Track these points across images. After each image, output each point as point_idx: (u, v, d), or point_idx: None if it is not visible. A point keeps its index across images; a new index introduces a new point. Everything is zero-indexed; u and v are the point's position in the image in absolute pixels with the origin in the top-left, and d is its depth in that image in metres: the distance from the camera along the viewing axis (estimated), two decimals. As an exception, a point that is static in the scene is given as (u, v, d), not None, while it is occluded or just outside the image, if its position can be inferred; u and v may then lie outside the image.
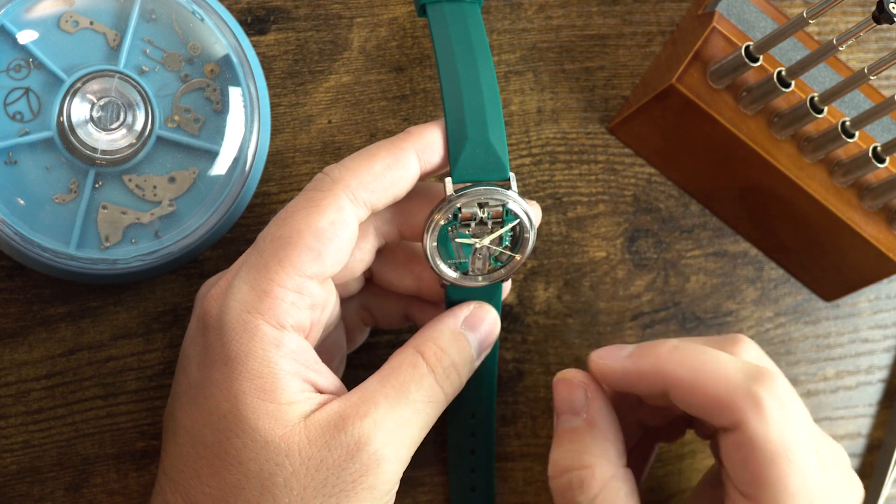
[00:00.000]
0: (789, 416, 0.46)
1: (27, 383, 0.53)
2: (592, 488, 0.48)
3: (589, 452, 0.49)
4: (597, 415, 0.50)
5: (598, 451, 0.49)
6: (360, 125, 0.56)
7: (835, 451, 0.50)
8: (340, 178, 0.45)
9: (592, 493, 0.48)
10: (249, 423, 0.43)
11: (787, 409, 0.46)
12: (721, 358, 0.48)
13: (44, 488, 0.53)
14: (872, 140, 0.55)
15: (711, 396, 0.47)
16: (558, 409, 0.51)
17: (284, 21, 0.55)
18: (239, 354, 0.43)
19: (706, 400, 0.47)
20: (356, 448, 0.43)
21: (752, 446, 0.46)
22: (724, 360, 0.48)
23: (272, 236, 0.44)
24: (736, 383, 0.46)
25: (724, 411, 0.46)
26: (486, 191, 0.46)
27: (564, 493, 0.49)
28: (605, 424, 0.50)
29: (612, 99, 0.58)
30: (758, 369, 0.47)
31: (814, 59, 0.51)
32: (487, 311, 0.49)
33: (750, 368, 0.47)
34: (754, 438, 0.46)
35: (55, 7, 0.50)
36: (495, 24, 0.57)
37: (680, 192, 0.58)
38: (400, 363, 0.46)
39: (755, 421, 0.46)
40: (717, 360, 0.48)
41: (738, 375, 0.47)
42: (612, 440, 0.49)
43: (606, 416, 0.50)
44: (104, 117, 0.51)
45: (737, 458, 0.46)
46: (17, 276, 0.53)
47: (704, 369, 0.47)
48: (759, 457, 0.46)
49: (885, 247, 0.56)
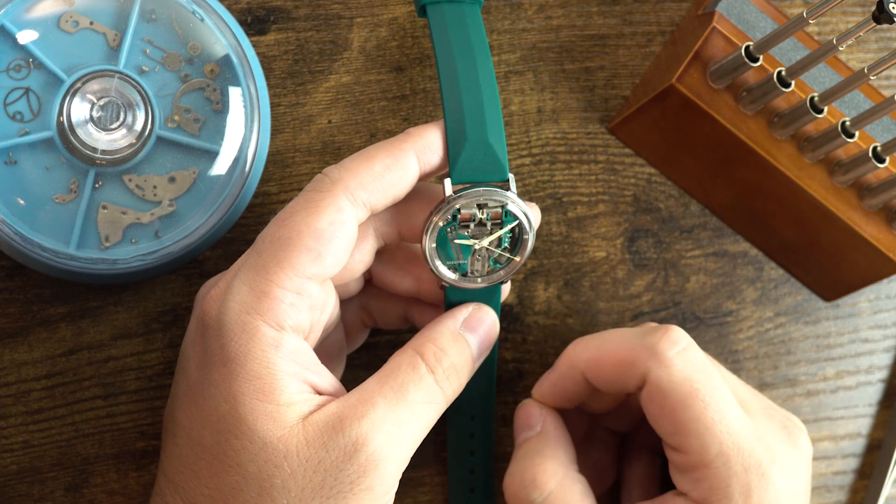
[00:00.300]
0: (689, 357, 0.48)
1: (27, 383, 0.53)
2: (546, 483, 0.50)
3: (541, 454, 0.51)
4: (549, 426, 0.52)
5: (549, 453, 0.51)
6: (360, 125, 0.56)
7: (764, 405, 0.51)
8: (340, 178, 0.45)
9: (547, 488, 0.50)
10: (248, 425, 0.43)
11: (685, 353, 0.48)
12: (620, 331, 0.51)
13: (44, 488, 0.53)
14: (872, 140, 0.55)
15: (616, 363, 0.49)
16: (516, 430, 0.53)
17: (284, 21, 0.55)
18: (238, 355, 0.43)
19: (613, 369, 0.50)
20: (354, 449, 0.43)
21: (661, 393, 0.48)
22: (622, 332, 0.51)
23: (271, 237, 0.44)
24: (633, 343, 0.49)
25: (630, 371, 0.49)
26: (486, 192, 0.46)
27: (518, 493, 0.51)
28: (557, 434, 0.52)
29: (612, 99, 0.58)
30: (653, 327, 0.50)
31: (814, 59, 0.51)
32: (486, 312, 0.49)
33: (646, 329, 0.50)
34: (660, 384, 0.48)
35: (55, 7, 0.50)
36: (495, 24, 0.57)
37: (680, 192, 0.58)
38: (399, 364, 0.46)
39: (657, 368, 0.48)
40: (615, 333, 0.51)
41: (635, 337, 0.49)
42: (564, 448, 0.52)
43: (559, 427, 0.52)
44: (104, 117, 0.51)
45: (654, 409, 0.48)
46: (17, 276, 0.53)
47: (605, 344, 0.50)
48: (672, 401, 0.48)
49: (885, 247, 0.55)
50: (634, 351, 0.49)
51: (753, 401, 0.51)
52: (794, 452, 0.50)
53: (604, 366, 0.50)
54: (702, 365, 0.48)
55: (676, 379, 0.48)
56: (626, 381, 0.49)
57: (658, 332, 0.49)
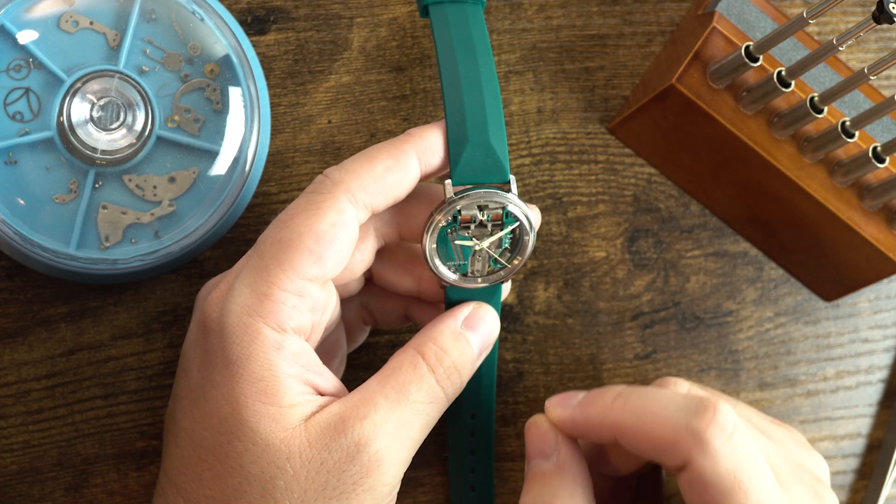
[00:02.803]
0: (735, 445, 0.46)
1: (27, 383, 0.53)
2: None
3: (558, 497, 0.49)
4: (566, 459, 0.50)
5: (566, 494, 0.49)
6: (360, 125, 0.56)
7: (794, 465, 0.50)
8: (341, 180, 0.45)
9: None
10: (250, 426, 0.43)
11: (732, 440, 0.46)
12: (662, 397, 0.48)
13: (44, 488, 0.53)
14: (872, 140, 0.55)
15: (657, 439, 0.47)
16: (529, 453, 0.51)
17: (284, 21, 0.55)
18: (240, 357, 0.43)
19: (653, 444, 0.47)
20: (356, 450, 0.43)
21: (703, 483, 0.46)
22: (665, 398, 0.48)
23: (273, 239, 0.44)
24: (677, 422, 0.46)
25: (672, 452, 0.46)
26: (486, 193, 0.46)
27: None
28: (575, 469, 0.50)
29: (612, 99, 0.58)
30: (698, 402, 0.47)
31: (814, 59, 0.51)
32: (487, 311, 0.49)
33: (690, 403, 0.47)
34: (703, 475, 0.46)
35: (55, 7, 0.50)
36: (495, 24, 0.57)
37: (680, 192, 0.58)
38: (400, 364, 0.46)
39: (701, 458, 0.46)
40: (658, 400, 0.48)
41: (679, 413, 0.46)
42: (581, 484, 0.49)
43: (576, 460, 0.50)
44: (104, 117, 0.50)
45: (693, 496, 0.46)
46: (17, 276, 0.53)
47: (647, 412, 0.47)
48: (713, 492, 0.46)
49: (885, 247, 0.56)
50: (678, 432, 0.46)
51: (783, 462, 0.49)
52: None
53: (642, 437, 0.47)
54: (748, 452, 0.46)
55: (721, 471, 0.45)
56: (663, 459, 0.47)
57: (707, 414, 0.46)
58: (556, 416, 0.50)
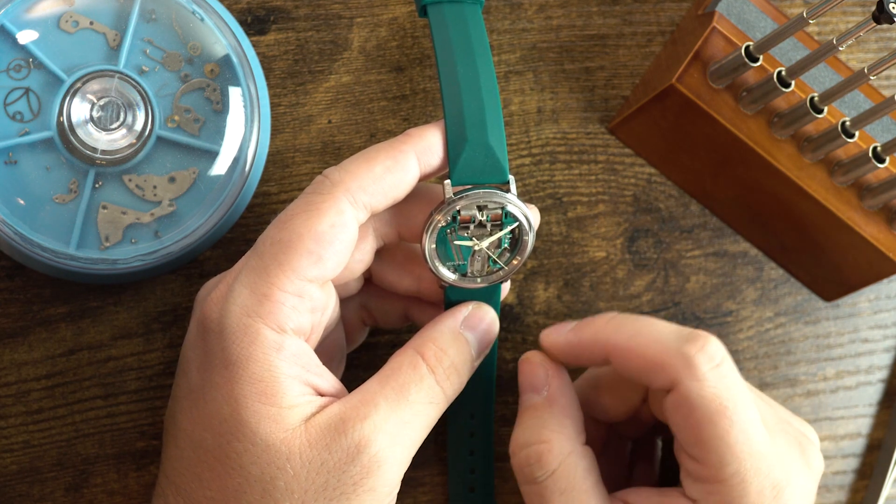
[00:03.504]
0: (723, 374, 0.47)
1: (27, 383, 0.53)
2: (550, 463, 0.49)
3: (547, 427, 0.50)
4: (556, 392, 0.51)
5: (556, 426, 0.50)
6: (360, 125, 0.56)
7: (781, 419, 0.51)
8: (340, 181, 0.45)
9: (550, 467, 0.49)
10: (250, 427, 0.43)
11: (720, 368, 0.47)
12: (655, 324, 0.49)
13: (44, 488, 0.53)
14: (872, 140, 0.55)
15: (647, 358, 0.48)
16: (521, 387, 0.52)
17: (284, 21, 0.55)
18: (240, 358, 0.43)
19: (642, 362, 0.48)
20: (357, 450, 0.43)
21: (689, 405, 0.47)
22: (658, 325, 0.49)
23: (272, 240, 0.44)
24: (668, 344, 0.48)
25: (660, 372, 0.48)
26: (486, 194, 0.46)
27: (523, 468, 0.50)
28: (565, 401, 0.51)
29: (612, 99, 0.58)
30: (690, 332, 0.48)
31: (814, 59, 0.51)
32: (486, 310, 0.49)
33: (683, 332, 0.48)
34: (690, 396, 0.47)
35: (55, 7, 0.50)
36: (495, 24, 0.57)
37: (680, 192, 0.58)
38: (400, 364, 0.46)
39: (688, 380, 0.47)
40: (651, 325, 0.49)
41: (671, 337, 0.48)
42: (571, 416, 0.50)
43: (566, 393, 0.51)
44: (104, 117, 0.50)
45: (678, 419, 0.48)
46: (17, 276, 0.53)
47: (640, 334, 0.49)
48: (699, 415, 0.47)
49: (885, 247, 0.56)
50: (668, 355, 0.48)
51: (770, 414, 0.50)
52: (807, 472, 0.49)
53: (633, 358, 0.49)
54: (734, 383, 0.47)
55: (707, 395, 0.47)
56: (651, 380, 0.48)
57: (697, 341, 0.47)
58: (551, 341, 0.52)
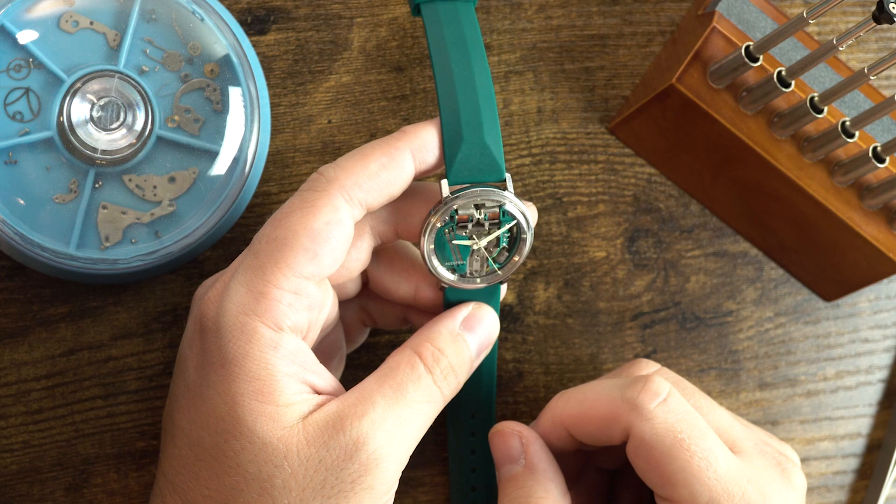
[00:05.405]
0: (671, 408, 0.47)
1: (27, 383, 0.53)
2: None
3: (534, 496, 0.49)
4: (534, 458, 0.50)
5: (542, 492, 0.49)
6: (360, 125, 0.56)
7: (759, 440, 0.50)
8: (335, 177, 0.45)
9: None
10: (247, 425, 0.43)
11: (667, 403, 0.47)
12: (598, 384, 0.50)
13: (44, 488, 0.53)
14: (872, 140, 0.55)
15: (598, 418, 0.49)
16: (498, 461, 0.51)
17: (284, 21, 0.55)
18: (236, 357, 0.43)
19: (596, 423, 0.49)
20: (354, 448, 0.43)
21: (646, 445, 0.47)
22: (601, 385, 0.50)
23: (268, 238, 0.44)
24: (613, 397, 0.48)
25: (613, 425, 0.48)
26: (483, 192, 0.46)
27: None
28: (544, 465, 0.50)
29: (612, 99, 0.58)
30: (633, 379, 0.49)
31: (814, 59, 0.51)
32: (486, 311, 0.49)
33: (626, 382, 0.49)
34: (644, 437, 0.47)
35: (55, 7, 0.50)
36: (495, 24, 0.57)
37: (680, 192, 0.58)
38: (397, 363, 0.46)
39: (639, 422, 0.47)
40: (594, 387, 0.50)
41: (614, 390, 0.48)
42: (553, 479, 0.50)
43: (544, 458, 0.51)
44: (104, 117, 0.51)
45: (640, 463, 0.47)
46: (17, 276, 0.53)
47: (586, 398, 0.49)
48: (657, 453, 0.47)
49: (885, 247, 0.55)
50: (615, 405, 0.48)
51: (746, 437, 0.50)
52: (788, 491, 0.49)
53: (587, 422, 0.49)
54: (684, 413, 0.47)
55: (660, 431, 0.47)
56: (610, 436, 0.49)
57: (638, 384, 0.48)
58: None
